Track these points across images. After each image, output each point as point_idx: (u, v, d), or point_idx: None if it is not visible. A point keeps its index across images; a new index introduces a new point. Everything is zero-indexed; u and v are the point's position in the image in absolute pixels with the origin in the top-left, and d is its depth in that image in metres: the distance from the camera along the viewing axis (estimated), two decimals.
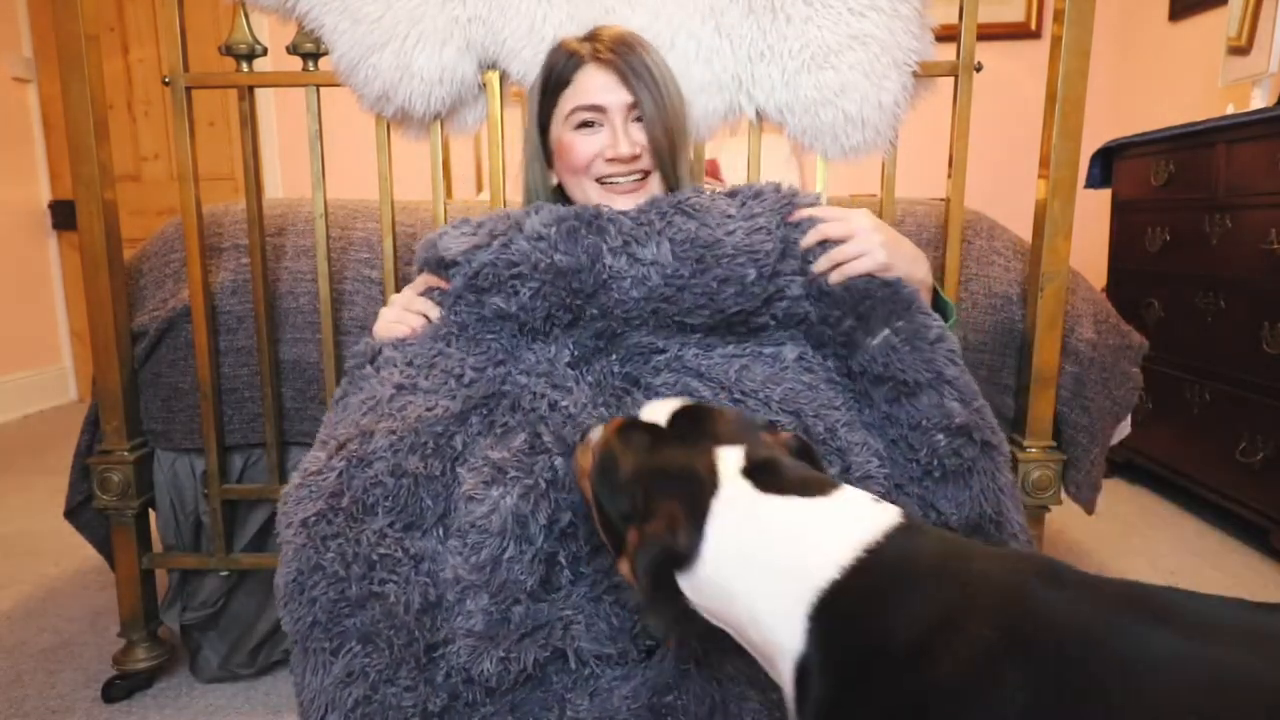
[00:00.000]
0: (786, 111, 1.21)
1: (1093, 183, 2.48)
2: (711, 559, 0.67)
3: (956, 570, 0.61)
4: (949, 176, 1.23)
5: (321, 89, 1.29)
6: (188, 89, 1.26)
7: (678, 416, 0.78)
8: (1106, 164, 2.47)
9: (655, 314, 0.95)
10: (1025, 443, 1.26)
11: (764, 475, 0.70)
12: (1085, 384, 1.31)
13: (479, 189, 3.28)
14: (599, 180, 1.05)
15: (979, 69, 1.21)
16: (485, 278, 0.95)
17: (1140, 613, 0.54)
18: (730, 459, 0.71)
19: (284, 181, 3.51)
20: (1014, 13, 3.20)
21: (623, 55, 1.03)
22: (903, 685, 0.56)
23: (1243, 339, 1.90)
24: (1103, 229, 2.54)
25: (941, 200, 1.31)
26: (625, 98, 1.03)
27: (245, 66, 1.28)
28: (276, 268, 1.35)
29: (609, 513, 0.75)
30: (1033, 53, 3.18)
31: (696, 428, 0.76)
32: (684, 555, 0.68)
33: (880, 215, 1.25)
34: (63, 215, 3.47)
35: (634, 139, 1.03)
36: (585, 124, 1.04)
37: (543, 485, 0.83)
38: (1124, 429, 1.42)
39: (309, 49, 1.27)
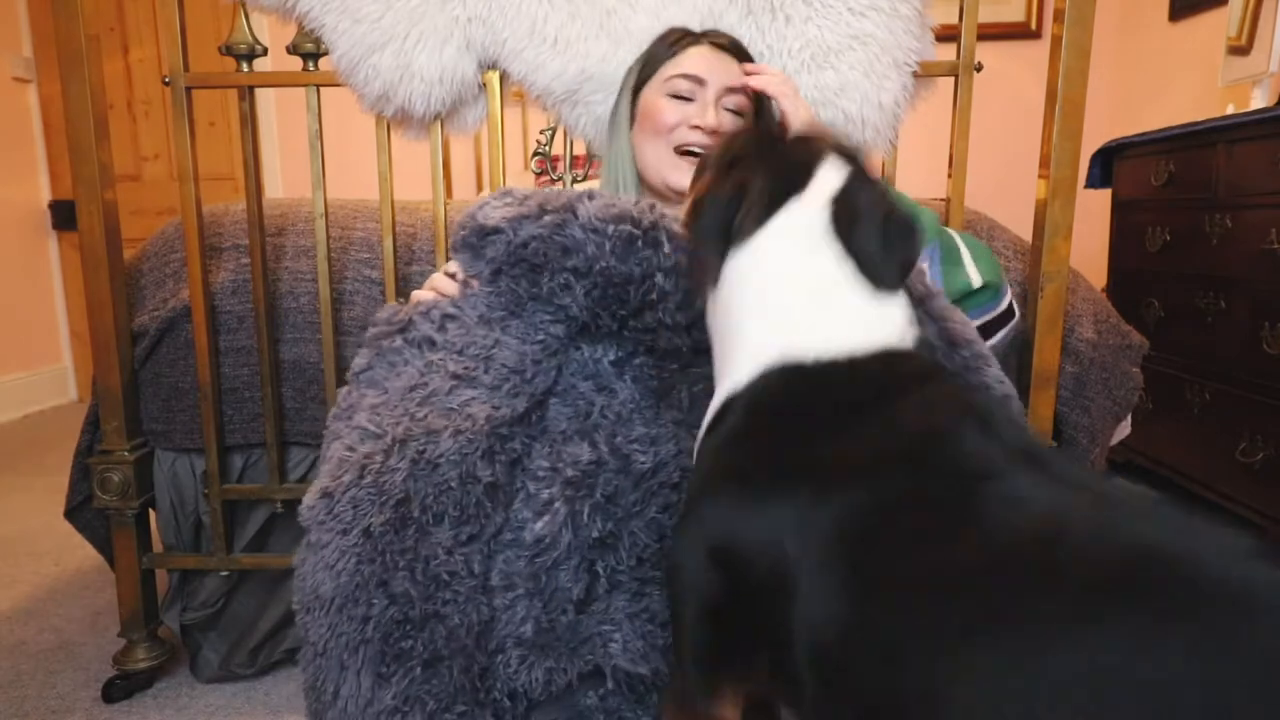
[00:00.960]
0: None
1: (1093, 183, 2.48)
2: (747, 258, 0.67)
3: (903, 397, 0.61)
4: (949, 176, 1.23)
5: (321, 89, 1.29)
6: (188, 89, 1.26)
7: (806, 136, 0.76)
8: (1106, 164, 2.47)
9: (692, 337, 0.89)
10: None
11: (843, 219, 0.67)
12: (1085, 384, 1.31)
13: (479, 189, 3.28)
14: (676, 148, 1.09)
15: (979, 69, 1.21)
16: (536, 253, 0.87)
17: (1032, 465, 0.55)
18: (830, 178, 0.69)
19: (284, 181, 3.51)
20: (1014, 13, 3.20)
21: (737, 49, 1.12)
22: (800, 449, 0.59)
23: (1243, 339, 1.90)
24: (1103, 229, 2.54)
25: (941, 200, 1.31)
26: (726, 80, 1.08)
27: (245, 66, 1.28)
28: (276, 268, 1.35)
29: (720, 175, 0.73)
30: (1033, 53, 3.18)
31: (820, 144, 0.74)
32: (740, 232, 0.67)
33: None
34: (63, 215, 3.47)
35: (721, 117, 1.08)
36: (680, 95, 1.09)
37: (601, 500, 0.81)
38: (1124, 429, 1.42)
39: (309, 49, 1.27)
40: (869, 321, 0.66)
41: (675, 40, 1.12)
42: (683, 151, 1.09)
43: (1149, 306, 2.26)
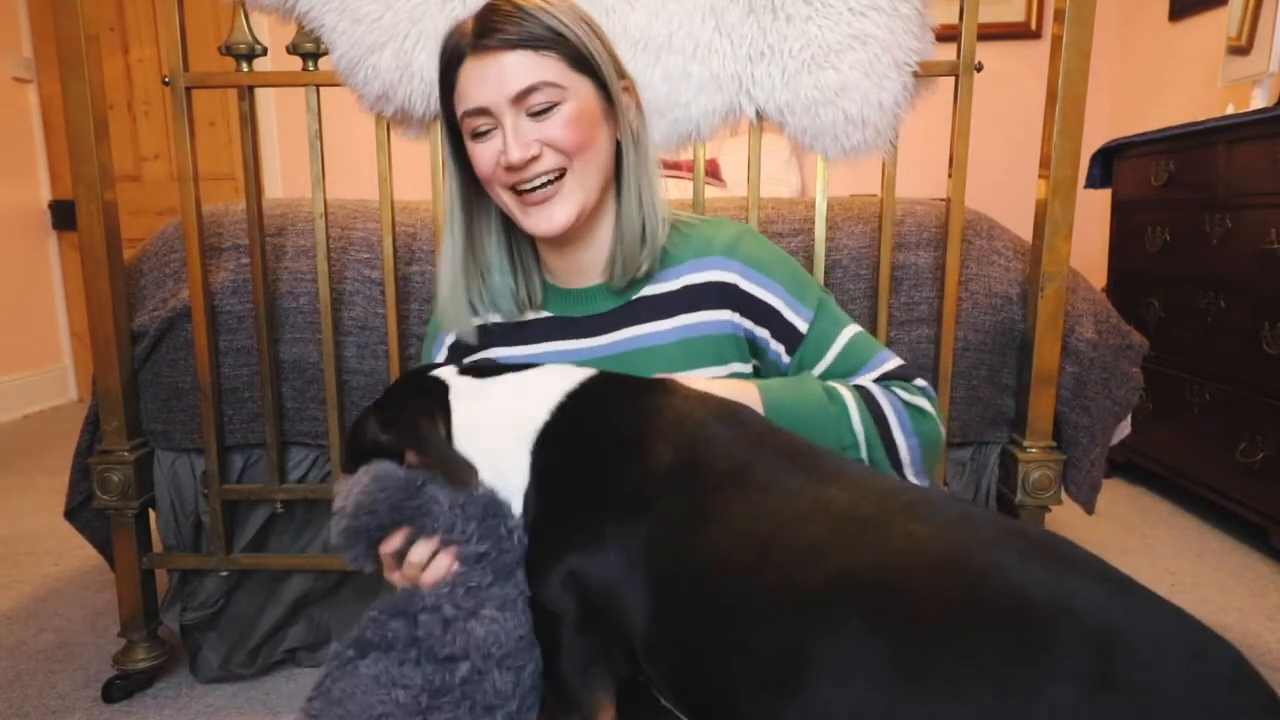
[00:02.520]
0: (786, 111, 1.21)
1: (1093, 183, 2.48)
2: (462, 432, 0.84)
3: (644, 406, 0.79)
4: (949, 176, 1.23)
5: (321, 89, 1.29)
6: (188, 89, 1.26)
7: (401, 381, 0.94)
8: (1106, 164, 2.47)
9: None
10: (1025, 443, 1.26)
11: (478, 371, 0.89)
12: (1085, 384, 1.31)
13: None
14: (510, 188, 0.91)
15: (979, 69, 1.21)
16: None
17: (789, 458, 0.71)
18: (446, 370, 0.90)
19: (284, 181, 3.51)
20: (1014, 13, 3.20)
21: (502, 31, 0.86)
22: (591, 493, 0.75)
23: (1243, 339, 1.90)
24: (1103, 229, 2.54)
25: (942, 200, 1.31)
26: (508, 89, 0.86)
27: (245, 66, 1.28)
28: (276, 268, 1.34)
29: (362, 442, 0.88)
30: (1033, 53, 3.18)
31: (417, 375, 0.92)
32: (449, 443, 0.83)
33: (881, 215, 1.25)
34: (63, 215, 3.47)
35: (528, 136, 0.87)
36: (480, 132, 0.90)
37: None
38: (1124, 429, 1.42)
39: (309, 49, 1.27)
40: (553, 378, 0.85)
41: (445, 64, 0.90)
42: (519, 194, 0.91)
43: (1149, 306, 2.26)
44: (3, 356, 3.28)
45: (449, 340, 1.04)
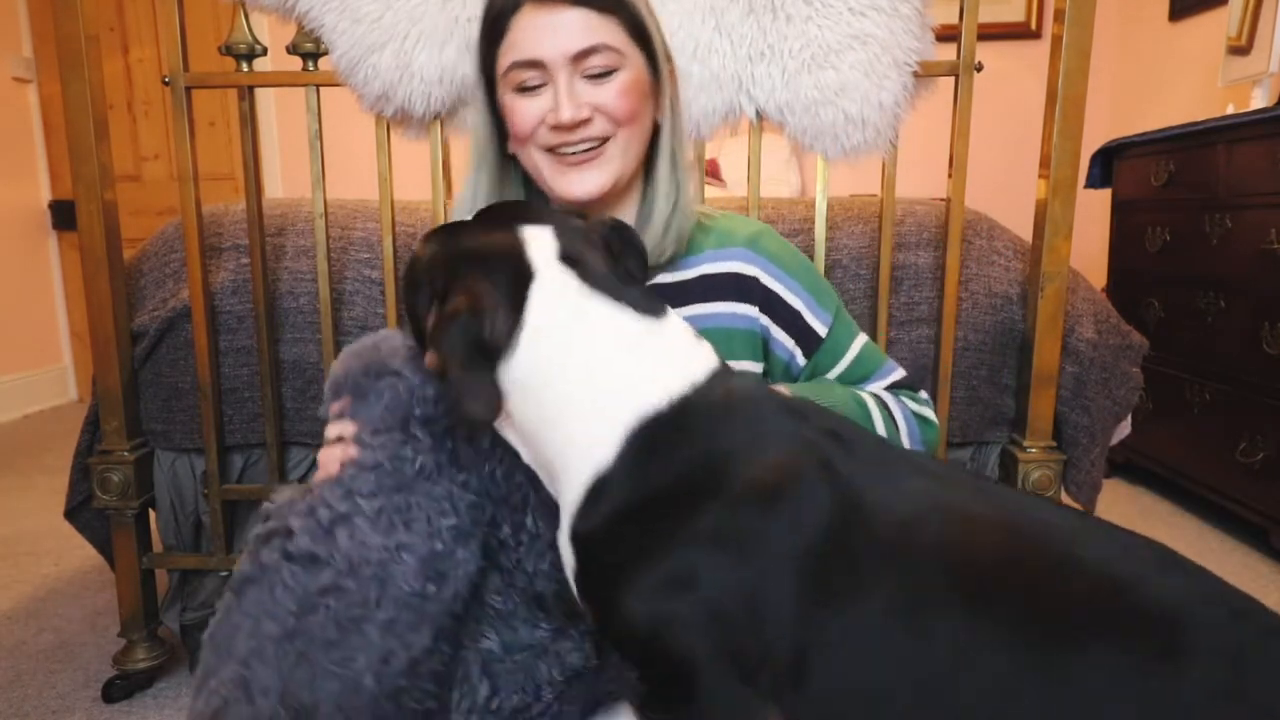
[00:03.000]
0: (786, 111, 1.21)
1: (1093, 183, 2.48)
2: (530, 353, 0.65)
3: (758, 419, 0.66)
4: (949, 176, 1.23)
5: (321, 89, 1.29)
6: (188, 89, 1.26)
7: (483, 212, 0.74)
8: (1106, 164, 2.47)
9: None
10: (1025, 443, 1.26)
11: (585, 270, 0.68)
12: (1085, 384, 1.31)
13: None
14: (548, 149, 0.87)
15: (979, 69, 1.21)
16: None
17: (897, 465, 0.64)
18: (540, 242, 0.68)
19: (284, 181, 3.51)
20: (1014, 13, 3.20)
21: None
22: (700, 510, 0.62)
23: (1243, 339, 1.90)
24: (1103, 229, 2.54)
25: (942, 200, 1.31)
26: (568, 46, 0.82)
27: (245, 66, 1.28)
28: (276, 268, 1.34)
29: (416, 312, 0.71)
30: (1033, 53, 3.18)
31: (502, 214, 0.73)
32: (498, 341, 0.64)
33: (881, 215, 1.25)
34: (63, 215, 3.47)
35: (581, 99, 0.84)
36: (527, 86, 0.85)
37: None
38: (1124, 429, 1.42)
39: (309, 49, 1.27)
40: (678, 350, 0.68)
41: (498, 8, 0.85)
42: (557, 152, 0.88)
43: (1149, 306, 2.26)
44: (3, 356, 3.28)
45: None
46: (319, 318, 1.31)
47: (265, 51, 1.31)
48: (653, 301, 0.70)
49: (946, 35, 1.23)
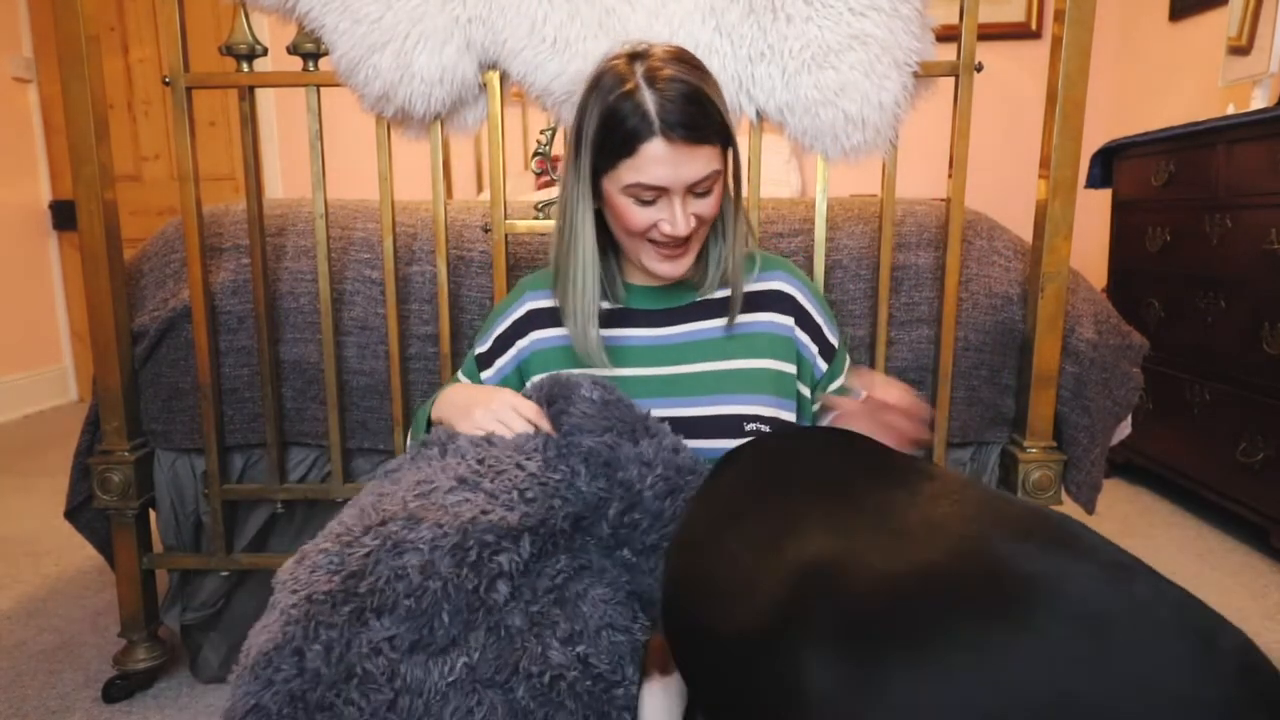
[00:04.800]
0: (787, 111, 1.21)
1: (1093, 183, 2.48)
2: None
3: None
4: (949, 176, 1.23)
5: (321, 89, 1.29)
6: (188, 89, 1.26)
7: None
8: (1107, 164, 2.47)
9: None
10: (1025, 443, 1.26)
11: None
12: (1085, 384, 1.31)
13: (479, 189, 3.28)
14: (651, 241, 1.03)
15: (979, 69, 1.21)
16: (611, 454, 0.91)
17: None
18: None
19: (284, 181, 3.51)
20: (1014, 13, 3.19)
21: (691, 127, 0.95)
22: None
23: (1243, 339, 1.90)
24: (1103, 229, 2.54)
25: (942, 200, 1.31)
26: (688, 177, 0.97)
27: (245, 66, 1.28)
28: (277, 268, 1.35)
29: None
30: (1033, 53, 3.18)
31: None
32: None
33: (881, 215, 1.25)
34: (63, 215, 3.47)
35: (691, 215, 0.99)
36: (646, 200, 0.99)
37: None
38: (1124, 429, 1.42)
39: (309, 49, 1.27)
40: None
41: (629, 130, 0.96)
42: (659, 244, 1.02)
43: (1149, 306, 2.26)
44: (3, 356, 3.28)
45: (524, 309, 1.12)
46: (319, 318, 1.31)
47: (265, 52, 1.31)
48: None
49: (946, 35, 1.23)
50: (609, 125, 0.97)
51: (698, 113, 0.95)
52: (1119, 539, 2.00)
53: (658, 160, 0.96)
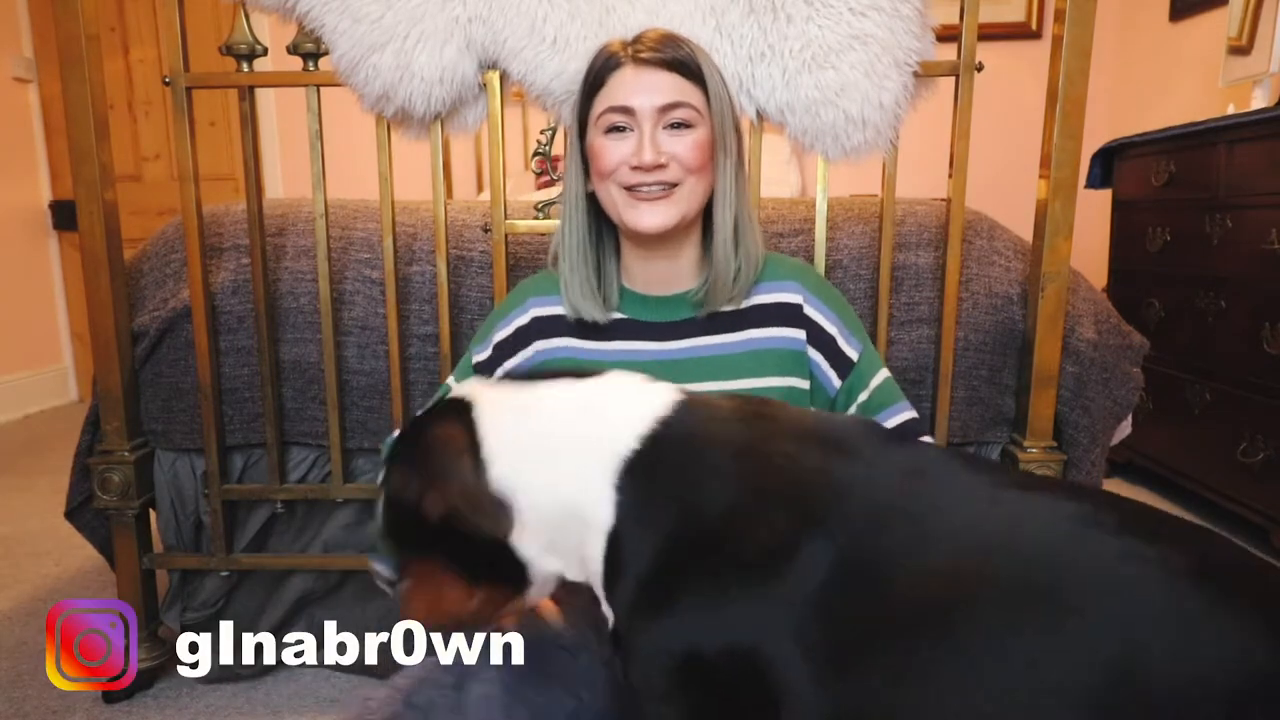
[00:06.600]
0: (787, 111, 1.21)
1: (1093, 183, 2.48)
2: (503, 456, 0.67)
3: (756, 451, 0.65)
4: (950, 176, 1.23)
5: (321, 89, 1.29)
6: (188, 89, 1.26)
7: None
8: (1107, 164, 2.47)
9: None
10: (1025, 443, 1.26)
11: (513, 379, 0.75)
12: (1086, 384, 1.31)
13: (479, 189, 3.28)
14: (625, 187, 0.99)
15: (980, 69, 1.21)
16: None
17: (922, 479, 0.62)
18: (467, 385, 0.73)
19: (284, 181, 3.51)
20: (1014, 13, 3.20)
21: (662, 52, 0.97)
22: (713, 558, 0.61)
23: (1243, 339, 1.90)
24: (1103, 229, 2.53)
25: (942, 200, 1.31)
26: (656, 100, 0.96)
27: (245, 66, 1.28)
28: (277, 268, 1.34)
29: (404, 499, 0.71)
30: (1033, 53, 3.17)
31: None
32: (478, 472, 0.67)
33: (881, 215, 1.25)
34: (63, 215, 3.47)
35: (661, 147, 0.97)
36: (616, 128, 0.98)
37: None
38: (1124, 429, 1.42)
39: (309, 49, 1.27)
40: (631, 393, 0.70)
41: (600, 66, 1.00)
42: (633, 189, 0.98)
43: (1149, 306, 2.25)
44: (3, 356, 3.28)
45: (520, 320, 1.07)
46: (319, 318, 1.31)
47: (265, 52, 1.31)
48: (585, 369, 0.74)
49: (947, 35, 1.23)
50: (586, 73, 1.01)
51: (668, 43, 0.98)
52: None
53: (624, 82, 0.97)
